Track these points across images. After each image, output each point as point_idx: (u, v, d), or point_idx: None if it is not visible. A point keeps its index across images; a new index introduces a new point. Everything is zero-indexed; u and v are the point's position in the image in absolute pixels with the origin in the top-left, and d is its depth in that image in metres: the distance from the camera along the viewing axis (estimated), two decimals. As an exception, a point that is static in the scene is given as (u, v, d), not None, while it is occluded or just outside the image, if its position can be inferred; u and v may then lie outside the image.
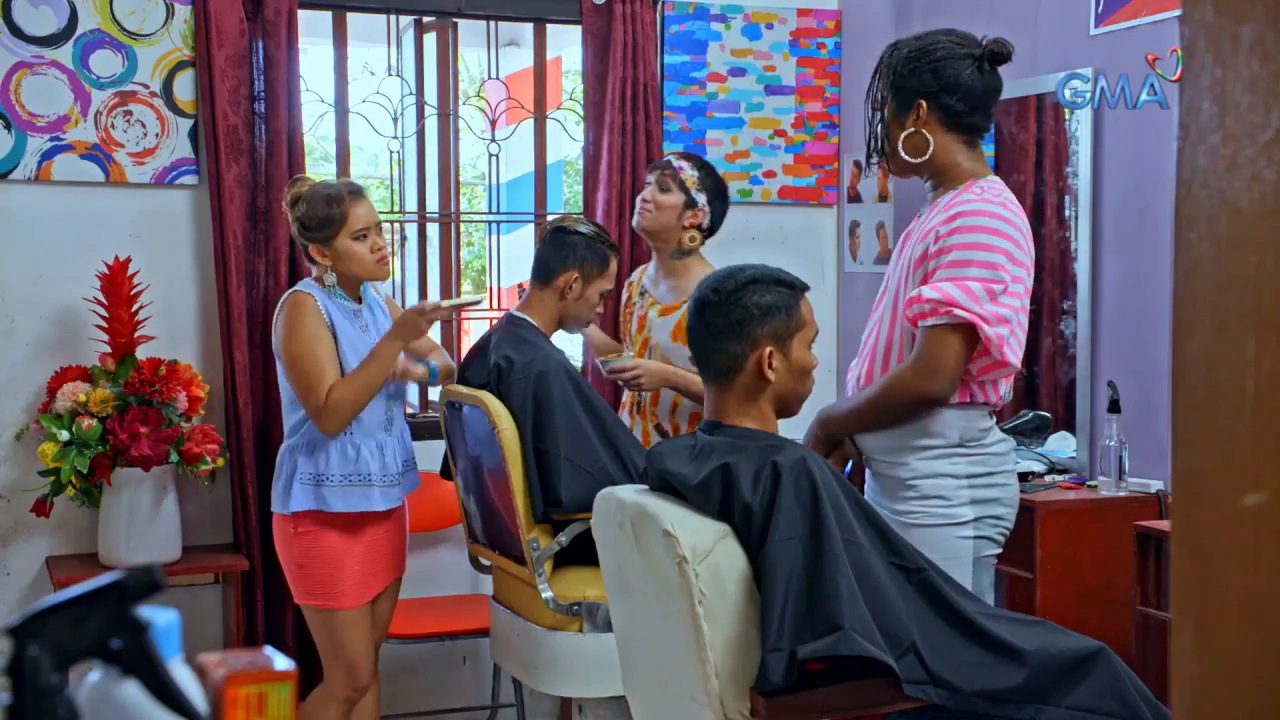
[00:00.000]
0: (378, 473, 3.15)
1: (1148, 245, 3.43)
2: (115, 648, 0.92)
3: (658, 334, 3.48)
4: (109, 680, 0.93)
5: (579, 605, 3.11)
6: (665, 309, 3.48)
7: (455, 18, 4.21)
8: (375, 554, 3.22)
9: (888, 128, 2.65)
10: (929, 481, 2.57)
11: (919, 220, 2.66)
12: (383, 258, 3.18)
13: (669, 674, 2.30)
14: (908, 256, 2.61)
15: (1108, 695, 2.17)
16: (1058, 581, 3.28)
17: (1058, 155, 3.92)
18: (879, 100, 2.65)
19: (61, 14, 3.66)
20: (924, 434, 2.57)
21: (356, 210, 3.12)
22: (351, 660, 3.17)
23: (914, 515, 2.58)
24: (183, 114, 3.78)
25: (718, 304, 2.33)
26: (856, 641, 2.06)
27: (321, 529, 3.14)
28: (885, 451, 2.61)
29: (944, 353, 2.46)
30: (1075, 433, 3.68)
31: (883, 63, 2.66)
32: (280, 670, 0.95)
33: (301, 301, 3.13)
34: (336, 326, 3.14)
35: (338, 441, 3.12)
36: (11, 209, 3.66)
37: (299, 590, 3.20)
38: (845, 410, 2.65)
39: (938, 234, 2.52)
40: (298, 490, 3.12)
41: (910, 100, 2.61)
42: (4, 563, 3.69)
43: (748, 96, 4.41)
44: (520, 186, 4.66)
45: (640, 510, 2.27)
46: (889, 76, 2.63)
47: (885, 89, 2.64)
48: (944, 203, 2.59)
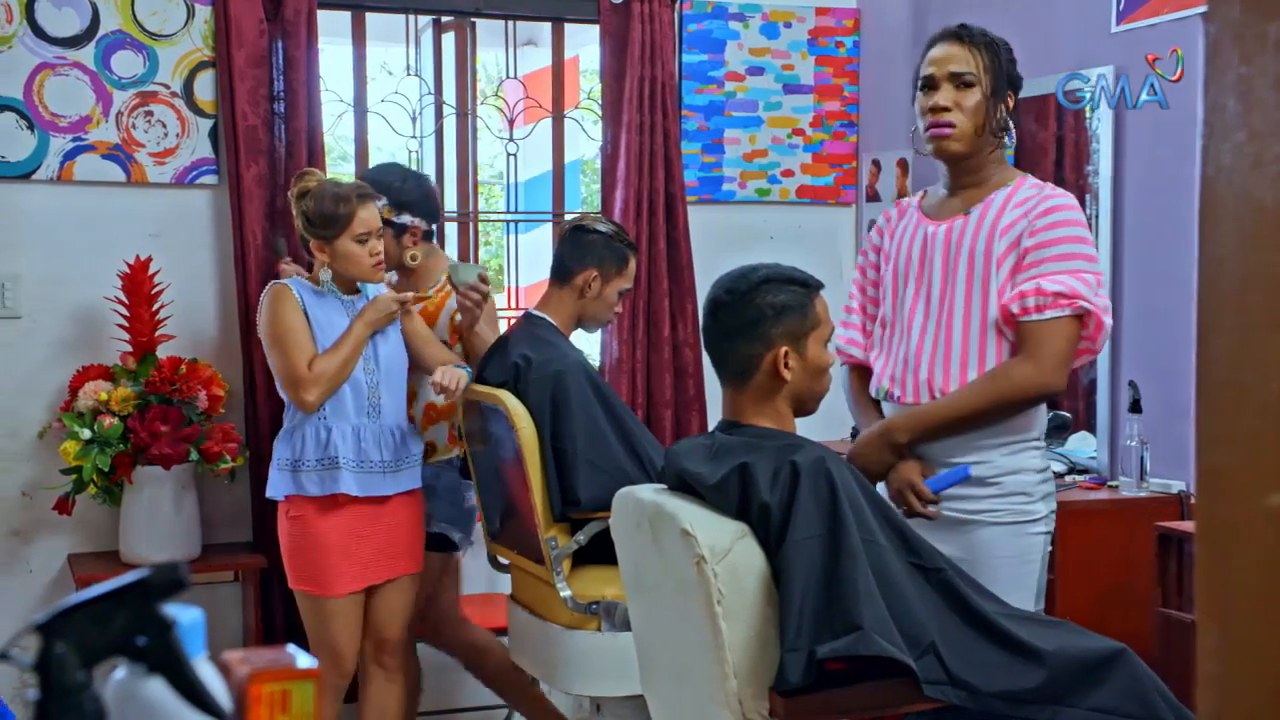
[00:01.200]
0: (351, 457, 3.16)
1: (1169, 244, 3.42)
2: (141, 645, 0.92)
3: None
4: (134, 677, 0.94)
5: (597, 604, 3.11)
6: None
7: (473, 17, 4.21)
8: (374, 542, 3.22)
9: (990, 100, 2.56)
10: (1013, 478, 2.55)
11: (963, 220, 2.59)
12: (379, 263, 3.22)
13: (687, 673, 2.30)
14: (970, 251, 2.56)
15: (1129, 697, 2.16)
16: (1078, 582, 3.26)
17: (1078, 154, 3.90)
18: (980, 73, 2.55)
19: (84, 15, 3.68)
20: (1010, 429, 2.54)
21: (362, 214, 3.16)
22: (335, 648, 3.20)
23: (993, 513, 2.54)
24: (203, 114, 3.79)
25: (731, 305, 2.32)
26: (875, 641, 2.06)
27: (311, 514, 3.18)
28: (961, 449, 2.55)
29: (1068, 346, 2.47)
30: (1095, 433, 3.66)
31: (985, 38, 2.59)
32: (304, 668, 0.95)
33: (279, 293, 3.21)
34: (314, 317, 3.19)
35: (311, 425, 3.17)
36: (34, 209, 3.68)
37: (290, 575, 3.25)
38: (939, 416, 2.53)
39: (1033, 229, 2.51)
40: (275, 475, 3.20)
41: (1007, 89, 2.59)
42: (27, 560, 3.71)
43: (766, 95, 4.41)
44: (538, 186, 4.67)
45: (658, 509, 2.27)
46: (1000, 55, 2.58)
47: (991, 65, 2.56)
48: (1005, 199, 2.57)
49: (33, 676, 0.90)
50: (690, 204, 4.24)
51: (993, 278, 2.53)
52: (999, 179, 2.61)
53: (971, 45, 2.57)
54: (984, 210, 2.58)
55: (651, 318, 4.16)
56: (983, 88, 2.55)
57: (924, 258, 2.63)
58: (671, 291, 4.17)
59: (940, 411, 2.54)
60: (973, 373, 2.55)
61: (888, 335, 2.69)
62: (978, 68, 2.56)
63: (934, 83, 2.58)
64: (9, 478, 3.69)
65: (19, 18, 3.62)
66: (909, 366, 2.61)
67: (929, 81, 2.59)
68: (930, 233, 2.64)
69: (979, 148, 2.58)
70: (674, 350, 4.17)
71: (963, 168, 2.61)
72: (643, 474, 3.07)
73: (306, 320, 3.18)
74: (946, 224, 2.62)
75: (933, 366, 2.57)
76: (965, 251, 2.58)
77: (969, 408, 2.50)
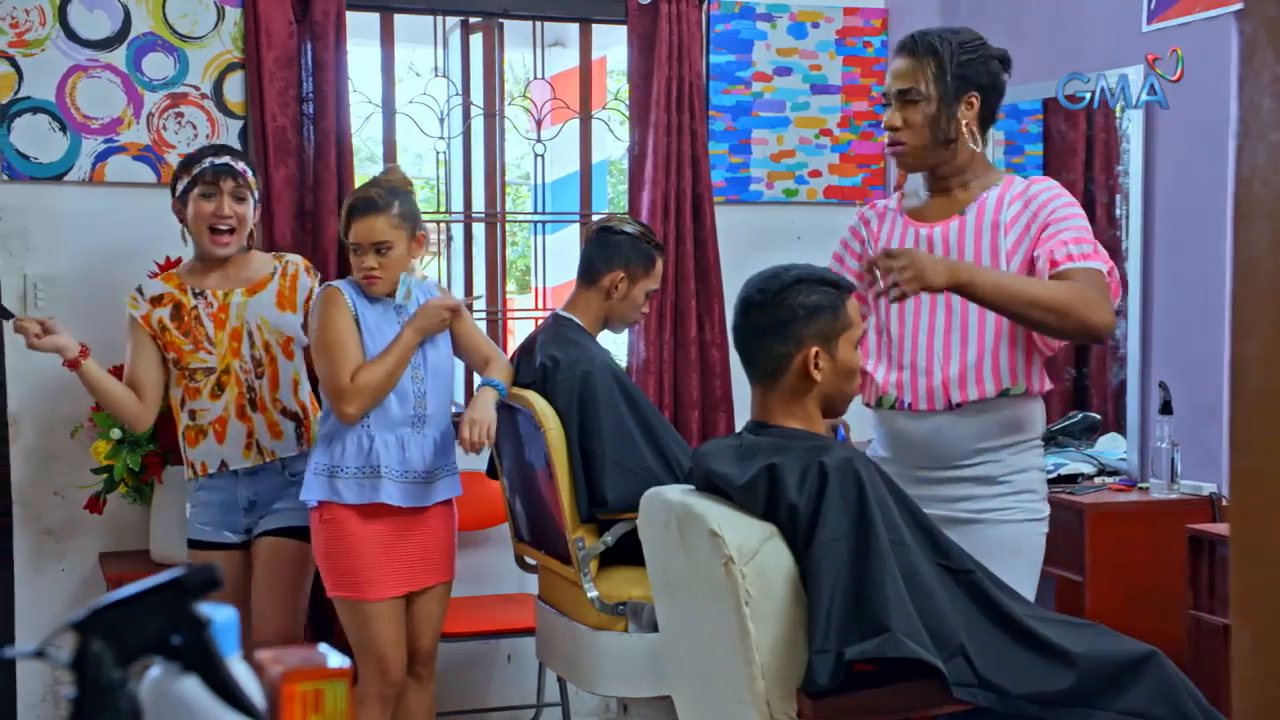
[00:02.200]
0: (394, 467, 3.13)
1: (1201, 244, 3.40)
2: (175, 644, 0.93)
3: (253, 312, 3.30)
4: (169, 676, 0.95)
5: (624, 605, 3.12)
6: (252, 287, 3.32)
7: (501, 18, 4.22)
8: (411, 550, 3.19)
9: (936, 115, 2.57)
10: (1022, 476, 2.58)
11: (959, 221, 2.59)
12: (368, 278, 3.13)
13: (715, 674, 2.30)
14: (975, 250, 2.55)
15: (1160, 700, 2.14)
16: (1108, 584, 3.25)
17: (1108, 154, 3.88)
18: (928, 84, 2.56)
19: (115, 18, 3.71)
20: (1017, 428, 2.57)
21: (355, 225, 3.11)
22: (381, 654, 3.15)
23: (1005, 511, 2.56)
24: (232, 115, 3.82)
25: (763, 304, 2.32)
26: (904, 643, 2.05)
27: (347, 519, 3.14)
28: (971, 451, 2.57)
29: (1109, 294, 2.48)
30: (1125, 434, 3.64)
31: (930, 46, 2.57)
32: (336, 668, 0.96)
33: (330, 296, 3.17)
34: (364, 321, 3.15)
35: (353, 433, 3.13)
36: (66, 210, 3.72)
37: (328, 583, 3.20)
38: (1001, 276, 2.45)
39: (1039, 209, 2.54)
40: (312, 480, 3.15)
41: (964, 91, 2.57)
42: (59, 558, 3.74)
43: (793, 96, 4.40)
44: (565, 186, 4.67)
45: (686, 510, 2.27)
46: (947, 62, 2.56)
47: (938, 74, 2.56)
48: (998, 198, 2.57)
49: (69, 674, 0.91)
50: (717, 204, 4.23)
51: (1016, 259, 2.54)
52: (987, 179, 2.63)
53: (917, 57, 2.57)
54: (979, 209, 2.58)
55: (679, 318, 4.16)
56: (928, 101, 2.55)
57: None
58: (699, 292, 4.17)
59: (1005, 275, 2.47)
60: (989, 377, 2.55)
61: (886, 343, 2.65)
62: (924, 81, 2.56)
63: (888, 99, 2.63)
64: (42, 477, 3.72)
65: (52, 20, 3.65)
66: (917, 372, 2.59)
67: (885, 98, 2.64)
68: (924, 235, 2.63)
69: (941, 157, 2.60)
70: (701, 351, 4.17)
71: (938, 173, 2.63)
72: (670, 474, 3.07)
73: (357, 325, 3.14)
74: (940, 225, 2.62)
75: (947, 372, 2.57)
76: (970, 251, 2.57)
77: (1033, 289, 2.43)
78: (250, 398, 3.27)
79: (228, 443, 3.26)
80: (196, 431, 3.26)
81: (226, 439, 3.26)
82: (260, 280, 3.32)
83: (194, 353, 3.25)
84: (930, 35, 2.60)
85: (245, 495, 3.29)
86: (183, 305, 3.27)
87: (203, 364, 3.25)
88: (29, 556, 3.72)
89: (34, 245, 3.70)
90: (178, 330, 3.26)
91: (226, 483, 3.28)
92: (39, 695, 3.75)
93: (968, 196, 2.61)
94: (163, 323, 3.26)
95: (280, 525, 3.27)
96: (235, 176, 3.24)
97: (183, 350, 3.25)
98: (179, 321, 3.26)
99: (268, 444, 3.28)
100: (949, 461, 2.58)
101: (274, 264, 3.36)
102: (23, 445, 3.70)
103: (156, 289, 3.31)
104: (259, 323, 3.28)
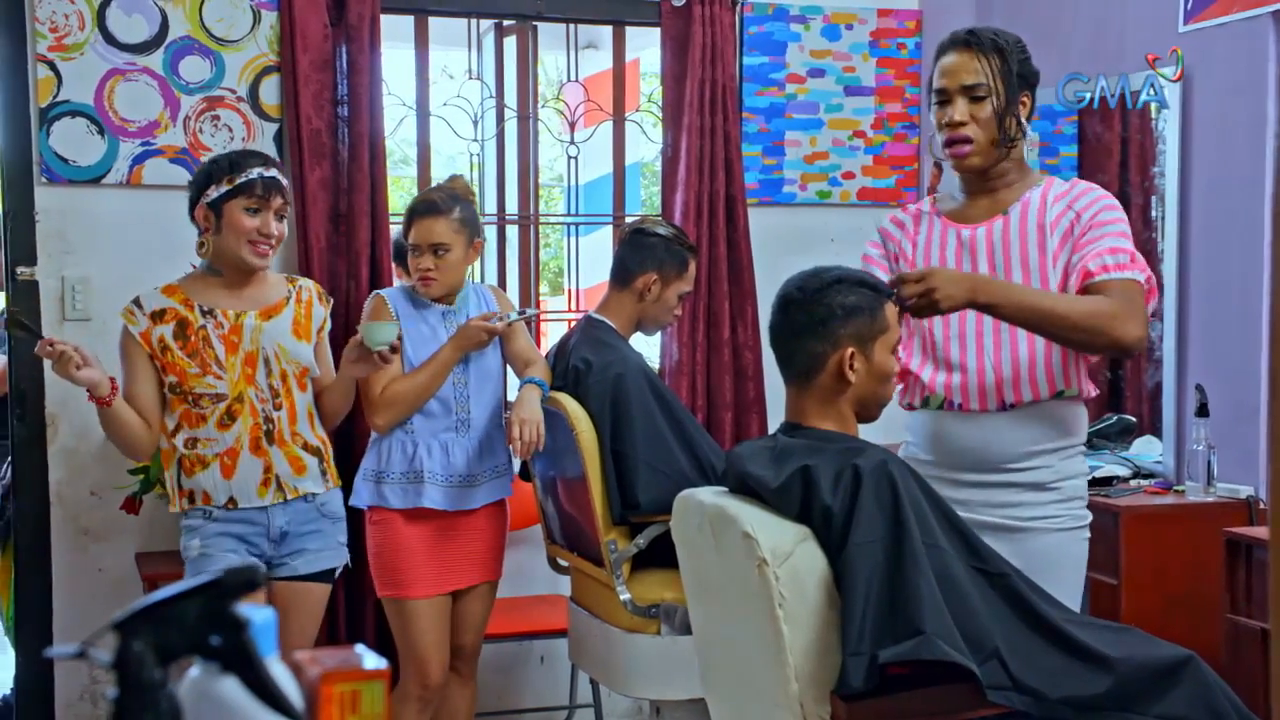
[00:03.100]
0: (437, 471, 3.20)
1: (1238, 245, 3.37)
2: (215, 644, 0.94)
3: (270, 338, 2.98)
4: (209, 676, 0.95)
5: (657, 607, 3.12)
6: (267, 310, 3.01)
7: (535, 21, 4.23)
8: (454, 551, 3.24)
9: (1003, 112, 2.53)
10: (1071, 482, 2.57)
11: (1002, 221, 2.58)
12: (423, 279, 3.20)
13: (748, 677, 2.29)
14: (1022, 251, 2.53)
15: (1198, 705, 2.13)
16: (1144, 588, 3.22)
17: (1143, 155, 3.86)
18: (994, 80, 2.52)
19: (153, 22, 3.74)
20: (1066, 432, 2.56)
21: (415, 226, 3.20)
22: (421, 656, 3.20)
23: (1054, 520, 2.55)
24: (268, 118, 3.84)
25: (801, 302, 2.32)
26: (938, 646, 2.04)
27: (392, 520, 3.22)
28: (1023, 454, 2.55)
29: (1145, 305, 2.45)
30: (1161, 437, 3.62)
31: (994, 43, 2.54)
32: (374, 669, 0.96)
33: (374, 306, 3.26)
34: (407, 329, 3.21)
35: (398, 439, 3.21)
36: (104, 212, 3.75)
37: (377, 583, 3.29)
38: (1027, 295, 2.43)
39: (1081, 211, 2.52)
40: (359, 485, 3.24)
41: (1021, 90, 2.56)
42: (96, 558, 3.78)
43: (827, 98, 4.39)
44: (598, 188, 4.68)
45: (720, 512, 2.27)
46: (1010, 59, 2.54)
47: (1004, 70, 2.53)
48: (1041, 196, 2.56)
49: (111, 674, 0.92)
50: (751, 206, 4.23)
51: (1050, 273, 2.52)
52: (1029, 179, 2.61)
53: (981, 53, 2.54)
54: (1024, 209, 2.56)
55: (712, 320, 4.15)
56: (996, 97, 2.52)
57: (962, 262, 2.60)
58: (732, 294, 4.17)
59: (1032, 293, 2.46)
60: (1042, 377, 2.53)
61: (930, 344, 2.63)
62: (990, 77, 2.52)
63: (948, 96, 2.55)
64: (79, 478, 3.75)
65: (90, 25, 3.69)
66: (968, 372, 2.57)
67: (943, 94, 2.56)
68: (966, 236, 2.61)
69: (1000, 155, 2.57)
70: (734, 353, 4.16)
71: (990, 173, 2.60)
72: (702, 477, 3.07)
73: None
74: (984, 226, 2.60)
75: (999, 372, 2.55)
76: (1016, 251, 2.55)
77: (1062, 307, 2.41)
78: (268, 429, 2.95)
79: (238, 477, 2.92)
80: (195, 461, 2.92)
81: (237, 473, 2.92)
82: (275, 304, 3.02)
83: (200, 376, 2.90)
84: (988, 32, 2.58)
85: (277, 526, 2.97)
86: (189, 323, 2.92)
87: (210, 389, 2.90)
88: (66, 556, 3.75)
89: (72, 248, 3.73)
90: (182, 351, 2.91)
91: (248, 514, 2.95)
92: (77, 694, 3.78)
93: (1011, 196, 2.59)
94: (164, 341, 2.92)
95: (310, 570, 3.02)
96: (283, 194, 2.99)
97: (186, 373, 2.90)
98: (184, 341, 2.92)
99: (290, 480, 2.97)
100: (999, 465, 2.55)
101: (288, 288, 3.07)
102: (60, 446, 3.74)
103: (158, 303, 2.95)
104: (276, 350, 2.98)
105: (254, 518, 2.95)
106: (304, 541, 3.00)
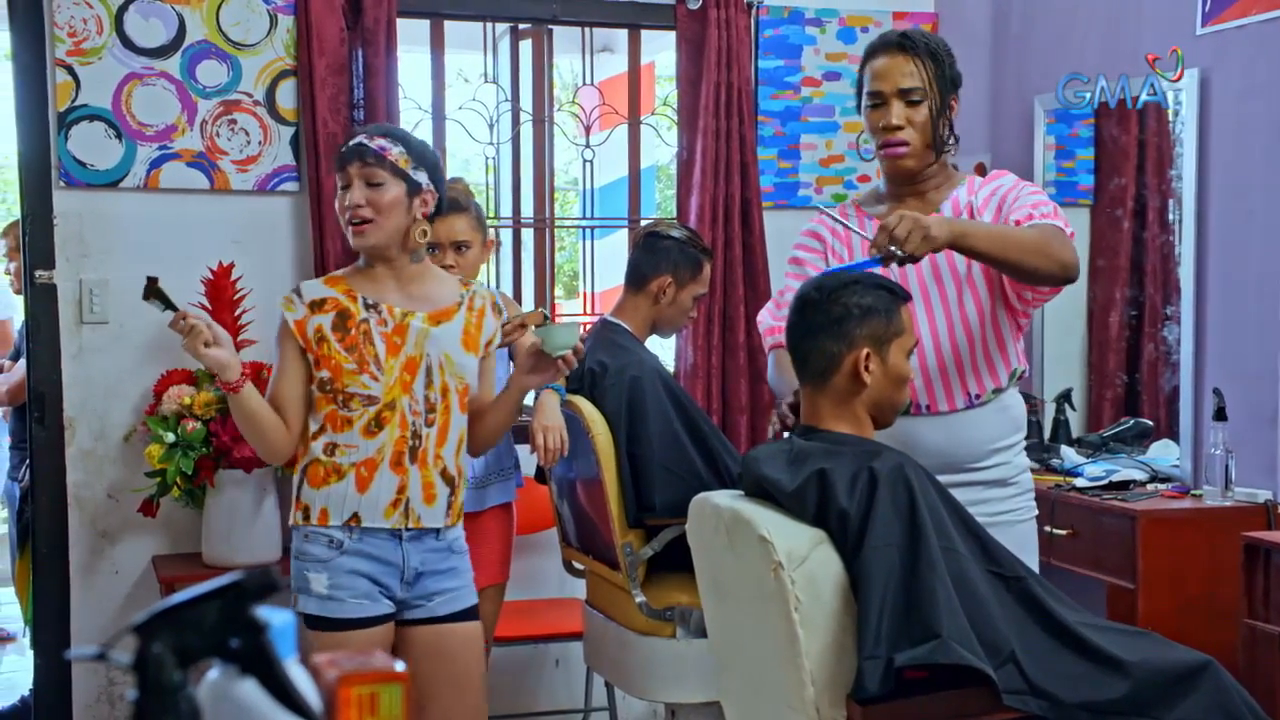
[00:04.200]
0: None
1: (1256, 249, 3.36)
2: (234, 647, 0.94)
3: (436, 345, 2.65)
4: (228, 678, 0.96)
5: (672, 610, 3.12)
6: (436, 315, 2.67)
7: (550, 24, 4.24)
8: None
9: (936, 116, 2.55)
10: (1024, 475, 2.66)
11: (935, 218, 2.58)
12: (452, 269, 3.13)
13: (764, 680, 2.29)
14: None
15: (1215, 710, 2.12)
16: (1161, 592, 3.21)
17: (1160, 158, 3.85)
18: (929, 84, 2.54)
19: (170, 26, 3.76)
20: (1016, 428, 2.63)
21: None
22: None
23: (1016, 512, 2.62)
24: (284, 122, 3.85)
25: (818, 301, 2.33)
26: (955, 650, 2.04)
27: None
28: (987, 452, 2.59)
29: (1071, 243, 2.45)
30: (1179, 441, 3.60)
31: (928, 47, 2.56)
32: (392, 671, 0.96)
33: None
34: None
35: None
36: (122, 216, 3.76)
37: None
38: (991, 225, 2.45)
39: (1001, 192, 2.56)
40: None
41: (952, 93, 2.57)
42: (113, 561, 3.79)
43: (842, 101, 4.39)
44: (614, 192, 4.68)
45: (736, 515, 2.27)
46: (944, 63, 2.55)
47: (939, 74, 2.54)
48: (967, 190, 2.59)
49: (130, 676, 0.93)
50: (766, 209, 4.23)
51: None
52: (954, 179, 2.64)
53: (916, 56, 2.54)
54: (954, 204, 2.59)
55: (727, 323, 4.15)
56: (930, 101, 2.53)
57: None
58: (747, 297, 4.17)
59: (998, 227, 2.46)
60: (998, 360, 2.57)
61: None
62: (925, 81, 2.54)
63: (883, 98, 2.55)
64: (96, 480, 3.77)
65: (109, 29, 3.70)
66: (929, 371, 2.57)
67: (877, 97, 2.56)
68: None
69: (932, 159, 2.59)
70: (749, 356, 4.16)
71: (919, 176, 2.61)
72: (718, 480, 3.07)
73: None
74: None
75: (961, 368, 2.58)
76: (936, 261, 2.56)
77: (1017, 231, 2.42)
78: (413, 446, 2.61)
79: (371, 493, 2.59)
80: (329, 470, 2.60)
81: (371, 488, 2.59)
82: (446, 309, 2.68)
83: (356, 374, 2.58)
84: (920, 36, 2.60)
85: (412, 566, 2.64)
86: (350, 315, 2.62)
87: (363, 390, 2.58)
88: (83, 559, 3.77)
89: (90, 251, 3.75)
90: (340, 344, 2.60)
91: (379, 545, 2.62)
92: (94, 695, 3.80)
93: (940, 196, 2.62)
94: (321, 332, 2.61)
95: (449, 611, 2.69)
96: (364, 157, 2.60)
97: (341, 368, 2.59)
98: (342, 334, 2.60)
99: (418, 507, 2.62)
100: (965, 465, 2.58)
101: (461, 291, 2.72)
102: (78, 449, 3.75)
103: (318, 292, 2.65)
104: (442, 359, 2.64)
105: (388, 554, 2.61)
106: (440, 582, 2.68)
